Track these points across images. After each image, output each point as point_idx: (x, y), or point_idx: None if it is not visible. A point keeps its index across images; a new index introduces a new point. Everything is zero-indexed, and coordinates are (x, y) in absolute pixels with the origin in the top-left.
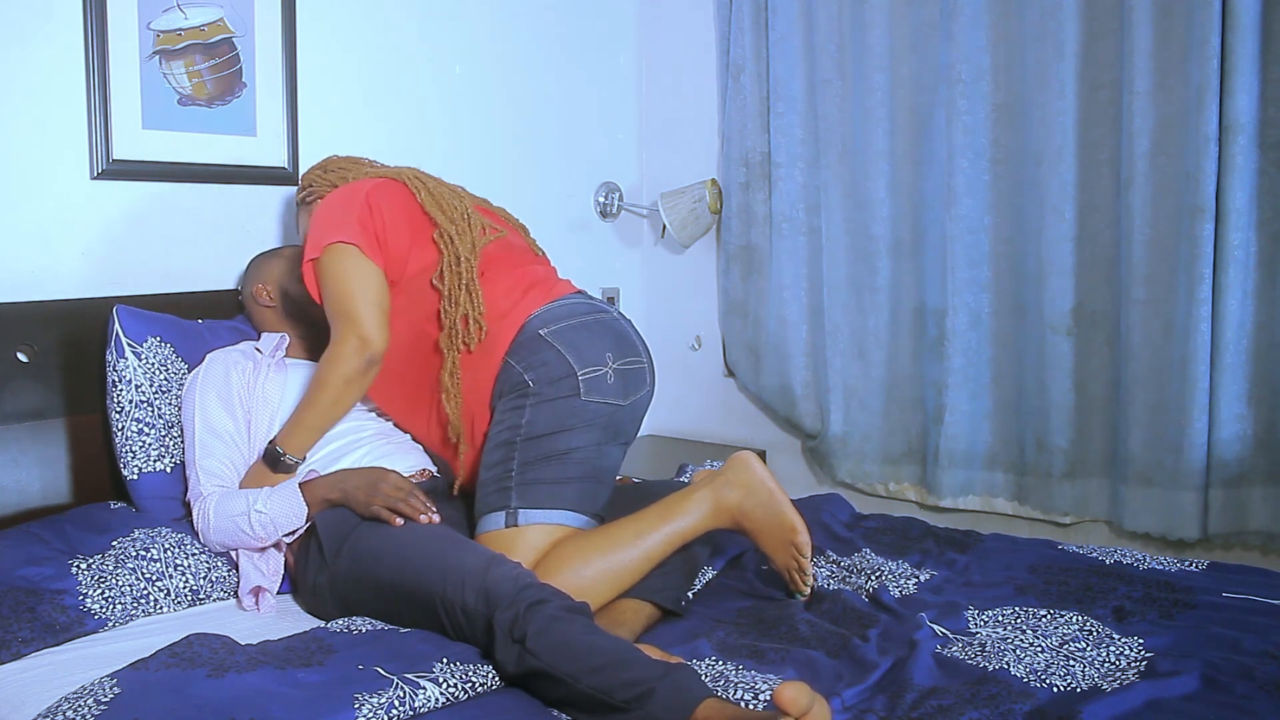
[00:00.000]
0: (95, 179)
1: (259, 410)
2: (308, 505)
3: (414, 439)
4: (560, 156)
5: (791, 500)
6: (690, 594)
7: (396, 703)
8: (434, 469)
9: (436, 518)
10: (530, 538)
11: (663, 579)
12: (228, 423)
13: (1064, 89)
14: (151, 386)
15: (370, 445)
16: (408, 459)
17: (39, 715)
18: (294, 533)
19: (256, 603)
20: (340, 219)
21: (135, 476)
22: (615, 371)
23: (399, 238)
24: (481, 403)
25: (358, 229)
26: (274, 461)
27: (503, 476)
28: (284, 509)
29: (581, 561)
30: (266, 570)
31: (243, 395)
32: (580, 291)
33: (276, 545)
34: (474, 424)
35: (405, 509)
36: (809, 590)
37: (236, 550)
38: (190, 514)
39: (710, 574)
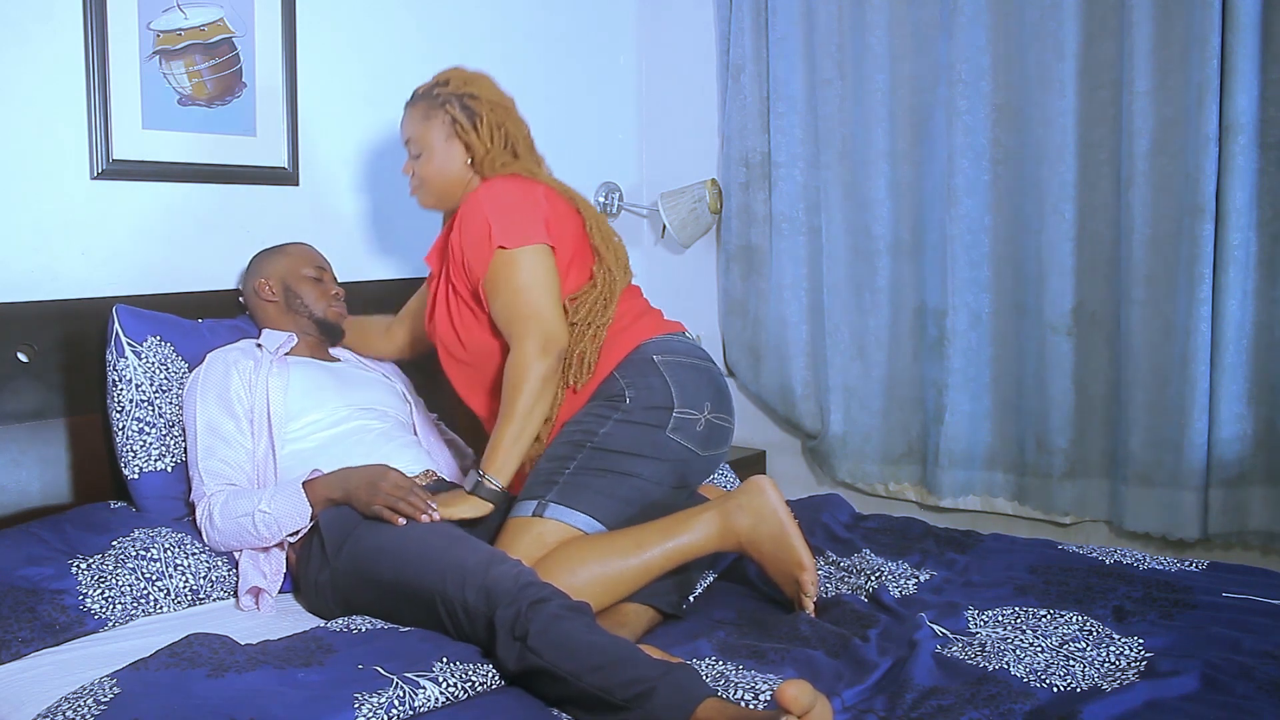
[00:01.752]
0: (95, 179)
1: (261, 409)
2: (311, 505)
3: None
4: (560, 156)
5: (793, 506)
6: (691, 599)
7: (396, 702)
8: (438, 469)
9: (438, 515)
10: (544, 532)
11: (663, 584)
12: (228, 423)
13: (1064, 89)
14: (152, 386)
15: (374, 445)
16: (412, 459)
17: (39, 715)
18: (298, 533)
19: (256, 603)
20: (530, 219)
21: (136, 476)
22: (707, 421)
23: (564, 254)
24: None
25: (545, 233)
26: (475, 487)
27: (555, 471)
28: (288, 508)
29: (578, 563)
30: (268, 571)
31: (243, 395)
32: (686, 333)
33: (280, 544)
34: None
35: (405, 507)
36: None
37: (239, 550)
38: (194, 514)
39: (711, 576)
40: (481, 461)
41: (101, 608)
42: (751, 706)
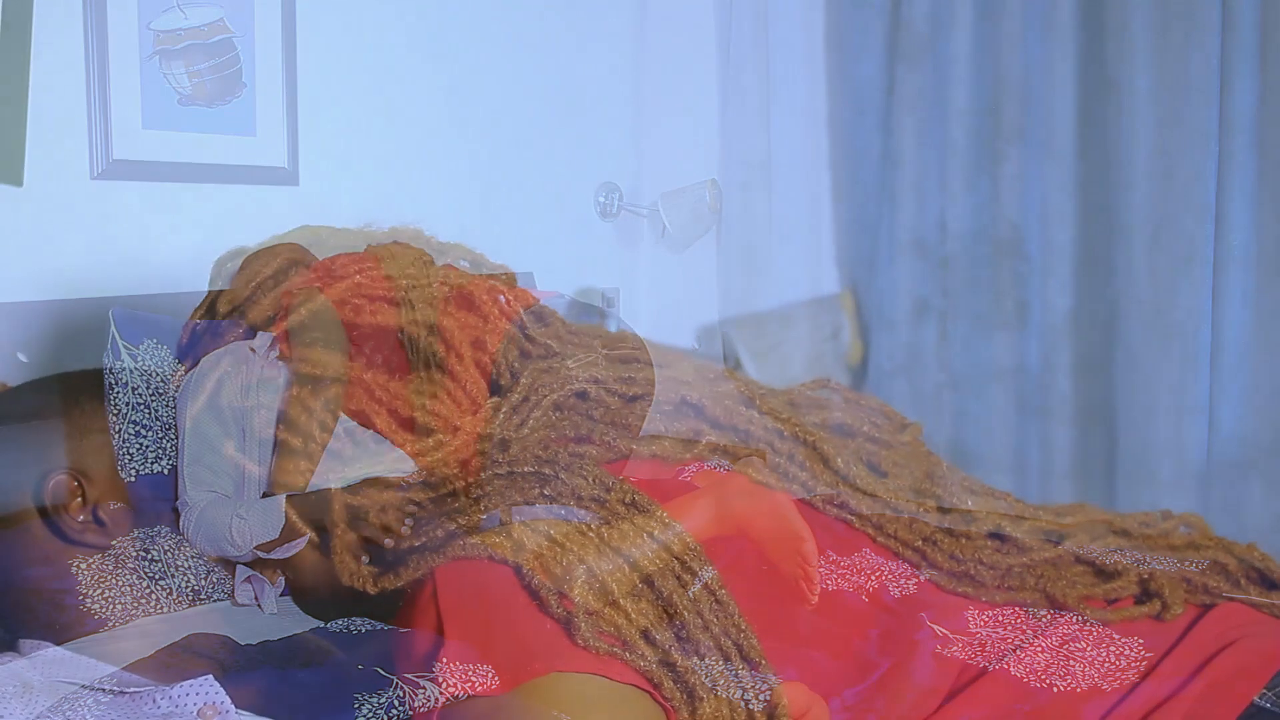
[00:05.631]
0: (95, 179)
1: (253, 411)
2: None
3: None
4: (560, 156)
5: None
6: (690, 593)
7: (396, 703)
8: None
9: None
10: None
11: None
12: (215, 428)
13: (1064, 89)
14: (148, 388)
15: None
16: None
17: (39, 715)
18: (271, 547)
19: (255, 596)
20: None
21: (133, 478)
22: None
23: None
24: None
25: None
26: None
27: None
28: (262, 519)
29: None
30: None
31: (232, 400)
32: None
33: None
34: None
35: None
36: (815, 598)
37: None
38: (178, 520)
39: (710, 572)
40: None
41: (101, 608)
42: (751, 707)
